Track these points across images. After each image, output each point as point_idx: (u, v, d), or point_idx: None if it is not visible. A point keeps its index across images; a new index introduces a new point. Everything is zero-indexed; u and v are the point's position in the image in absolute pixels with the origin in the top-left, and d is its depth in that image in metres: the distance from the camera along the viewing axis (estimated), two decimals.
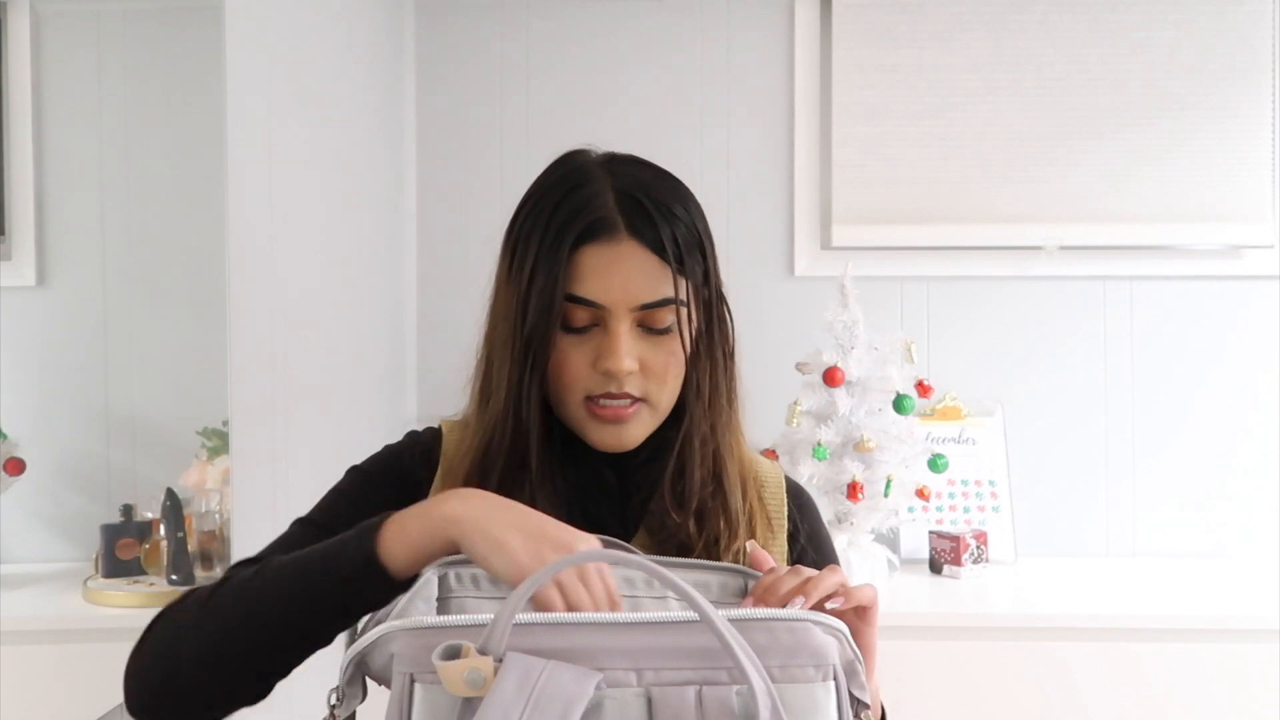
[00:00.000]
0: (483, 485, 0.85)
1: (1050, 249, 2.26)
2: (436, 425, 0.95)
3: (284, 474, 1.45)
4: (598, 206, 0.84)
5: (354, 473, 0.91)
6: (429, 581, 0.71)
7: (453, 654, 0.58)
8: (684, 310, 0.85)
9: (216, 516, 1.23)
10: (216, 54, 1.21)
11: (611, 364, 0.83)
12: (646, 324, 0.85)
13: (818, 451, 1.93)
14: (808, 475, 1.91)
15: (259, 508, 1.36)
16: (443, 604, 0.74)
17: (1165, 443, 2.28)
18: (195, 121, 1.21)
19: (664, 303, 0.84)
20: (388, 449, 0.93)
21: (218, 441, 1.24)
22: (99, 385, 1.02)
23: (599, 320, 0.84)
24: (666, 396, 0.87)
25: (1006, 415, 2.27)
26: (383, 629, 0.62)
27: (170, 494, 1.14)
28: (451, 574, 0.74)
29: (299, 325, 1.53)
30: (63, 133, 0.93)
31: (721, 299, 0.91)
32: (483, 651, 0.57)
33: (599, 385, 0.85)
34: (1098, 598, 1.94)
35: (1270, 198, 2.25)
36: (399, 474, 0.89)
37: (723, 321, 0.91)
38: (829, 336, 2.00)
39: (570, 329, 0.84)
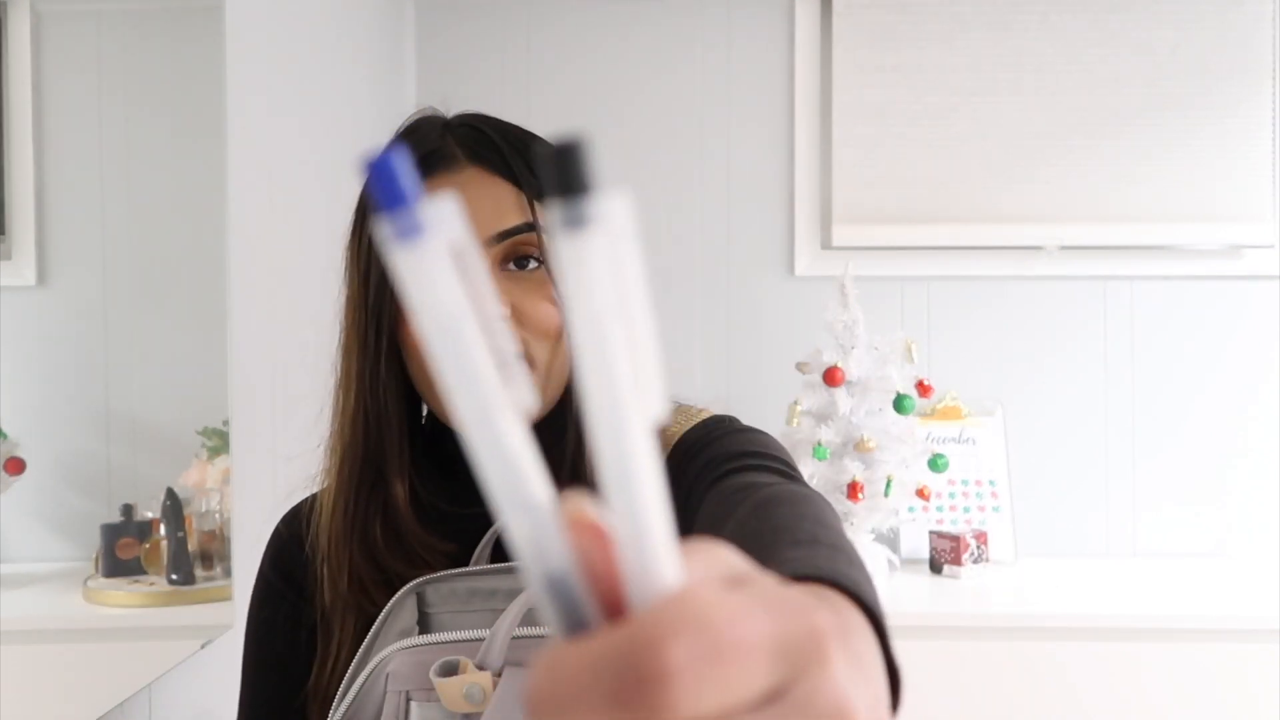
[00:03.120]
0: (345, 520, 0.73)
1: (1050, 249, 2.26)
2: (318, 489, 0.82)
3: (284, 474, 1.45)
4: (429, 141, 0.73)
5: (247, 632, 0.82)
6: (402, 608, 0.68)
7: (450, 670, 0.58)
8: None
9: (216, 516, 1.23)
10: (216, 54, 1.21)
11: None
12: (509, 258, 0.71)
13: (818, 451, 1.93)
14: (808, 475, 1.91)
15: (259, 508, 1.36)
16: (423, 620, 0.73)
17: (1165, 442, 2.28)
18: (195, 121, 1.20)
19: (523, 229, 0.70)
20: (260, 565, 0.83)
21: (218, 441, 1.24)
22: (99, 385, 1.02)
23: None
24: (548, 351, 0.71)
25: (1006, 415, 2.27)
26: (369, 669, 0.61)
27: (170, 494, 1.13)
28: (429, 590, 0.73)
29: (299, 326, 1.53)
30: (63, 133, 0.92)
31: None
32: (481, 666, 0.57)
33: None
34: (1098, 598, 1.94)
35: (1270, 198, 2.25)
36: (278, 585, 0.80)
37: None
38: (829, 336, 2.00)
39: None
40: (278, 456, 1.44)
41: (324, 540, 0.76)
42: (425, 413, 0.81)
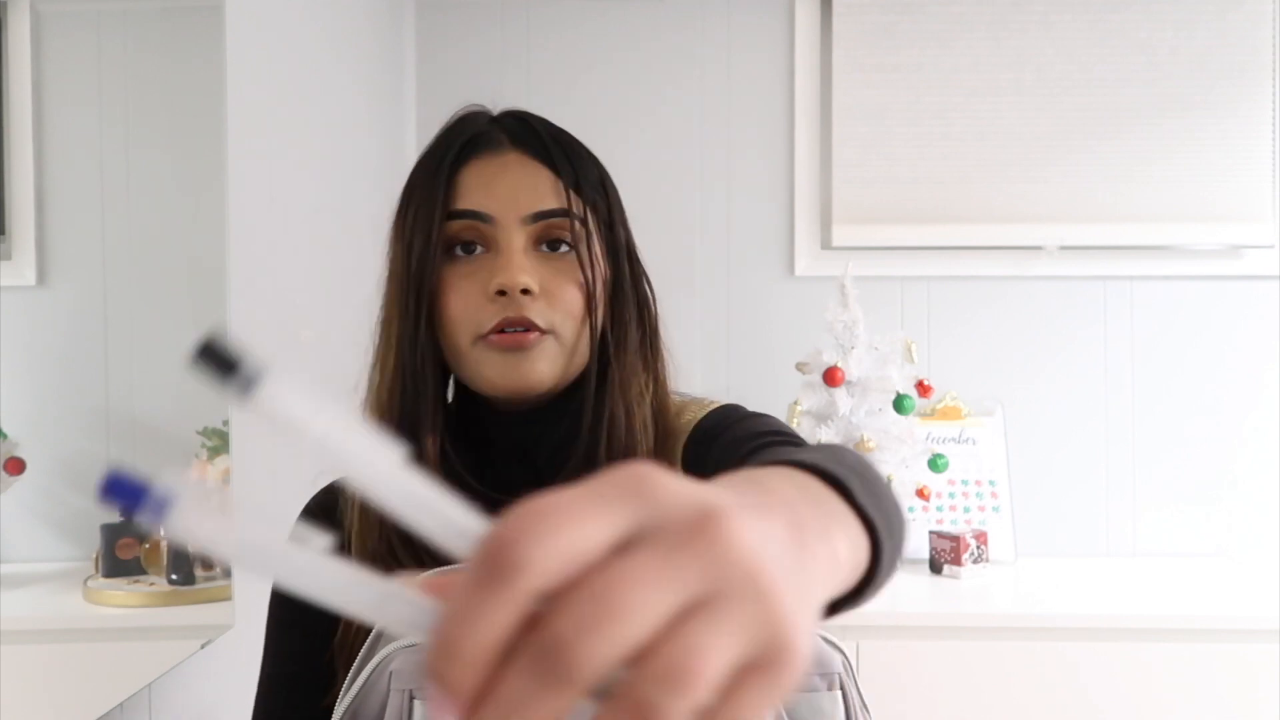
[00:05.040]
0: None
1: (1050, 249, 2.26)
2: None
3: (284, 474, 1.45)
4: (476, 126, 0.79)
5: (272, 596, 0.85)
6: None
7: None
8: (583, 231, 0.77)
9: None
10: (216, 54, 1.21)
11: (504, 278, 0.74)
12: (543, 240, 0.77)
13: None
14: None
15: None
16: None
17: (1166, 442, 2.28)
18: (195, 122, 1.20)
19: (558, 213, 0.76)
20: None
21: (218, 441, 1.24)
22: (99, 385, 1.02)
23: (488, 242, 0.76)
24: (573, 331, 0.77)
25: (1006, 415, 2.27)
26: (373, 663, 0.61)
27: None
28: None
29: (298, 326, 1.53)
30: (63, 133, 0.92)
31: (637, 262, 0.83)
32: None
33: (494, 314, 0.75)
34: (1098, 598, 1.94)
35: (1270, 198, 2.25)
36: None
37: (638, 285, 0.82)
38: (829, 336, 2.00)
39: (457, 255, 0.76)
40: (278, 456, 1.44)
41: (357, 500, 0.79)
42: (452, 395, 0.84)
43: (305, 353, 1.56)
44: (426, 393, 0.77)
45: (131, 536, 1.08)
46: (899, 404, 1.96)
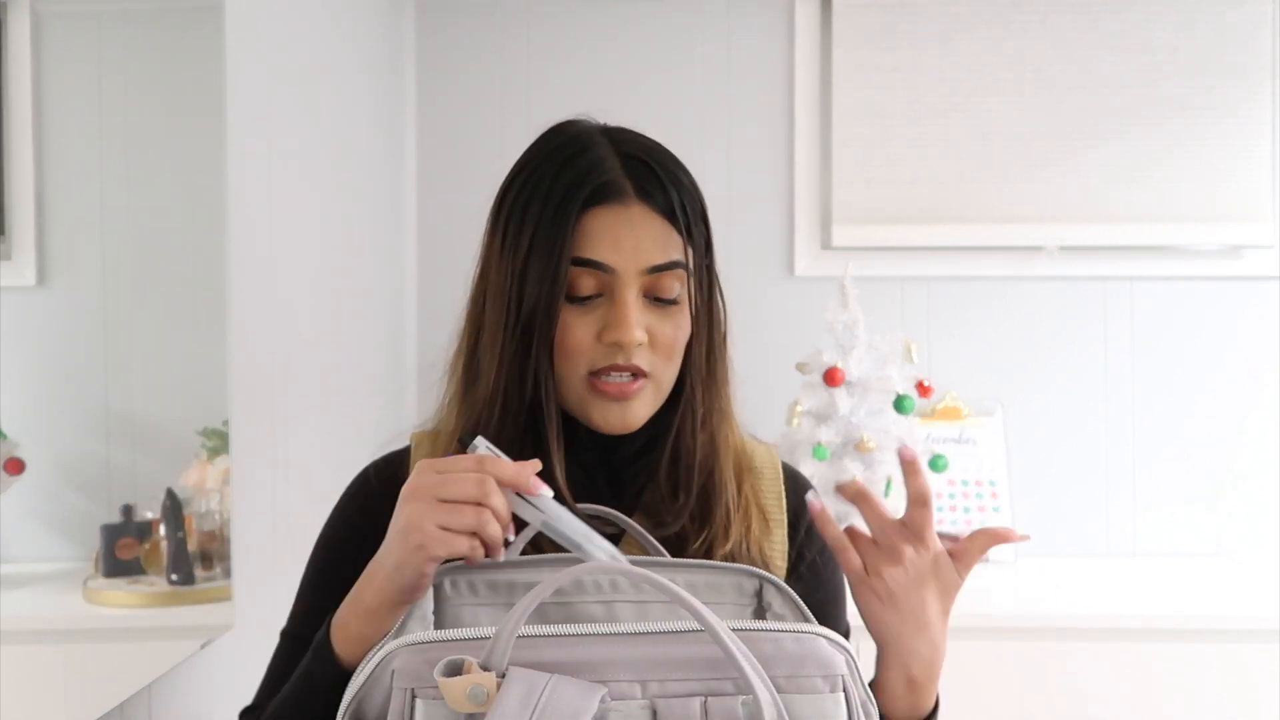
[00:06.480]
0: None
1: (1050, 249, 2.26)
2: (406, 443, 0.90)
3: (284, 474, 1.45)
4: (606, 170, 0.81)
5: (315, 554, 0.88)
6: (424, 597, 0.70)
7: (455, 670, 0.57)
8: (690, 280, 0.82)
9: (216, 516, 1.23)
10: (216, 54, 1.21)
11: (621, 334, 0.79)
12: (654, 293, 0.81)
13: (818, 452, 1.93)
14: (809, 474, 1.90)
15: (259, 508, 1.36)
16: (439, 612, 0.73)
17: (1165, 442, 2.28)
18: (195, 122, 1.20)
19: (673, 265, 0.81)
20: (340, 502, 0.89)
21: (218, 441, 1.24)
22: (99, 385, 1.02)
23: (605, 289, 0.81)
24: (670, 373, 0.84)
25: (1006, 415, 2.27)
26: (377, 659, 0.61)
27: (170, 494, 1.13)
28: (446, 582, 0.73)
29: (299, 326, 1.53)
30: (63, 133, 0.92)
31: (716, 278, 0.87)
32: (485, 667, 0.57)
33: (604, 358, 0.80)
34: (1098, 598, 1.95)
35: (1270, 198, 2.25)
36: (361, 527, 0.83)
37: (715, 301, 0.87)
38: (829, 336, 2.00)
39: (574, 299, 0.80)
40: (278, 456, 1.44)
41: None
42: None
43: (306, 352, 1.56)
44: (552, 412, 0.82)
45: (131, 537, 1.08)
46: (899, 404, 1.96)
